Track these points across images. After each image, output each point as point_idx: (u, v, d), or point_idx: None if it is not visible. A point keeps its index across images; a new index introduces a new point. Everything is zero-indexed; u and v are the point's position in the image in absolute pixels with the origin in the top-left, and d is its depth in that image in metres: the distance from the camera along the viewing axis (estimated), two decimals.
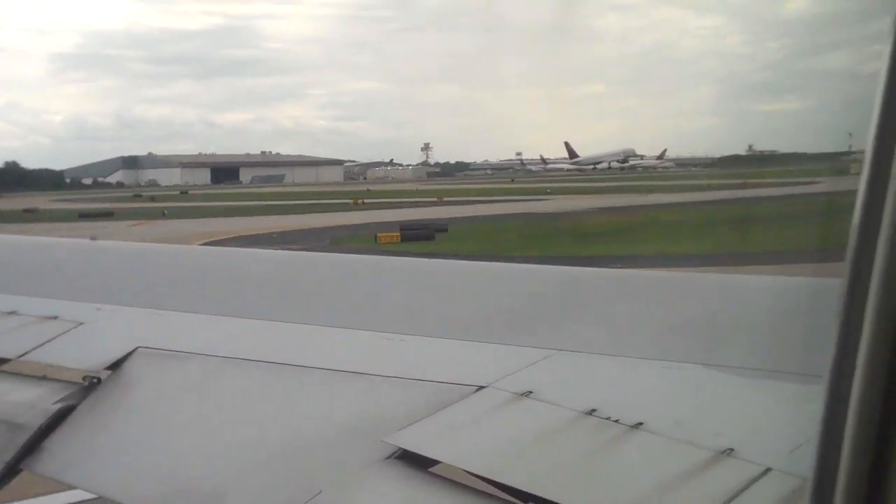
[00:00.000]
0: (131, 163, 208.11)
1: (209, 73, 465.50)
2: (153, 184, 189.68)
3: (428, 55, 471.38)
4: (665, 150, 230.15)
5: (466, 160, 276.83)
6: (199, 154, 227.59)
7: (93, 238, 5.99)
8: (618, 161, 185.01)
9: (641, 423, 2.41)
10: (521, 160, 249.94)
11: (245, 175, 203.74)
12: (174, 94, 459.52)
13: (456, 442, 2.60)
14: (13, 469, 3.04)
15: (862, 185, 1.19)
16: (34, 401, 3.34)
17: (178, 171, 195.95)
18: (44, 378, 3.53)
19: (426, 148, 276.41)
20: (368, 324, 3.63)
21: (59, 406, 3.25)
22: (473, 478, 2.38)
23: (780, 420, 2.43)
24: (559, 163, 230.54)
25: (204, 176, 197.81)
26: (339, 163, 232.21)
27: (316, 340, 3.56)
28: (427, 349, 3.30)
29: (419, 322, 3.65)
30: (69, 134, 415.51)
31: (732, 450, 2.22)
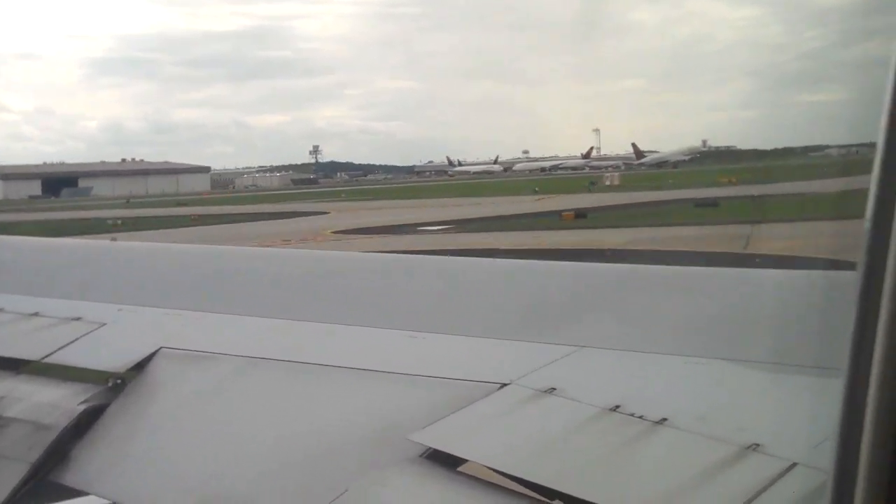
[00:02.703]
0: None
1: (243, 75, 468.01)
2: None
3: (460, 53, 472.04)
4: (592, 149, 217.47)
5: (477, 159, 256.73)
6: (44, 163, 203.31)
7: (114, 239, 5.82)
8: (684, 158, 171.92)
9: (666, 419, 2.39)
10: (448, 160, 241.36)
11: (90, 185, 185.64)
12: (208, 96, 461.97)
13: (479, 439, 2.59)
14: (40, 469, 3.03)
15: (874, 178, 1.19)
16: (59, 401, 3.33)
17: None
18: (68, 379, 3.52)
19: (315, 151, 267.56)
20: (391, 322, 3.60)
21: (84, 407, 3.25)
22: (497, 475, 2.35)
23: (805, 415, 2.40)
24: (479, 165, 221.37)
25: (35, 187, 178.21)
26: (205, 170, 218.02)
27: (338, 339, 3.54)
28: (450, 347, 3.29)
29: (442, 320, 3.62)
30: (105, 139, 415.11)
31: (758, 445, 2.20)
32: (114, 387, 3.38)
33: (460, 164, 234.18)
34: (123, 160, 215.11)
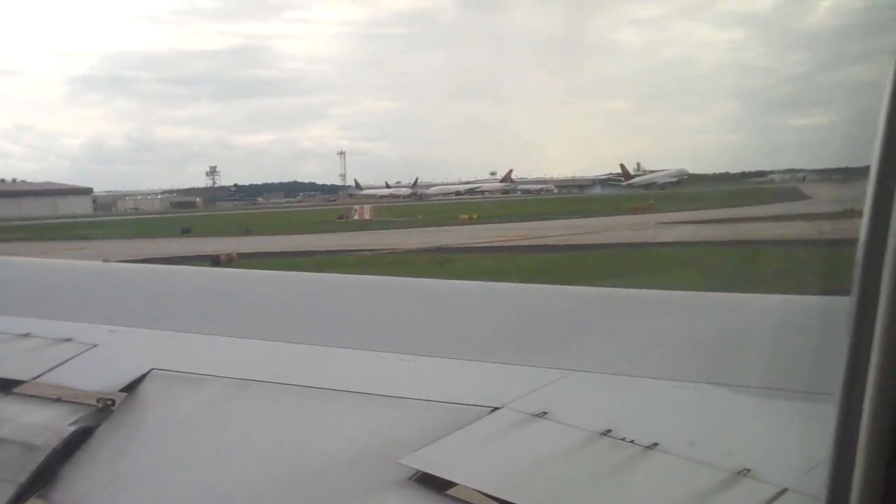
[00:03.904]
0: None
1: (227, 94, 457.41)
2: None
3: (445, 73, 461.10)
4: (511, 171, 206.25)
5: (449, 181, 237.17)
6: None
7: (105, 260, 6.79)
8: (672, 182, 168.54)
9: (657, 444, 2.39)
10: (356, 182, 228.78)
11: None
12: (193, 115, 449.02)
13: (471, 463, 2.58)
14: (28, 491, 3.01)
15: (868, 202, 1.19)
16: (49, 422, 3.32)
17: None
18: (58, 400, 3.50)
19: (212, 172, 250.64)
20: (383, 345, 3.60)
21: (74, 428, 3.24)
22: (488, 499, 2.33)
23: (796, 440, 2.39)
24: (388, 189, 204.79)
25: None
26: (87, 191, 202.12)
27: (330, 362, 3.53)
28: (441, 370, 3.29)
29: (433, 343, 3.62)
30: (88, 156, 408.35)
31: (749, 470, 2.19)
32: (104, 408, 3.37)
33: (388, 186, 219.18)
34: (3, 181, 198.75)
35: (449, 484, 2.43)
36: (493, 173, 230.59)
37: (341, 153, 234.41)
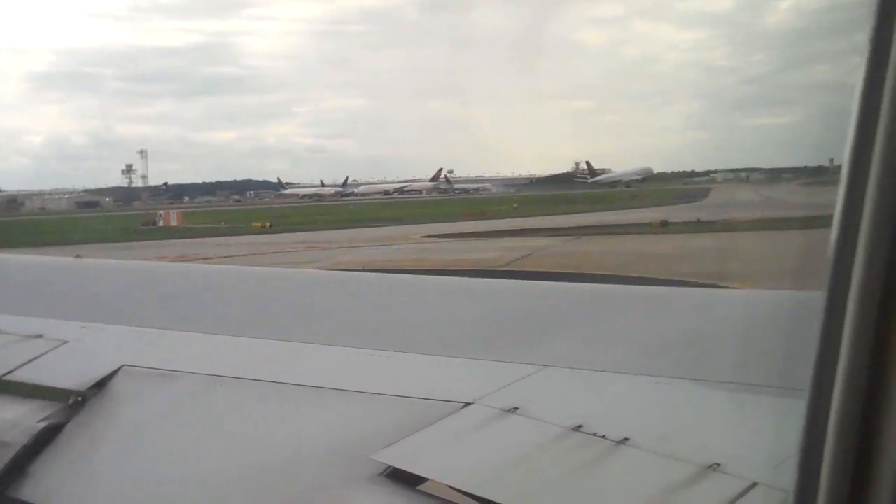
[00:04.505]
0: None
1: (189, 91, 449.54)
2: None
3: (407, 71, 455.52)
4: (441, 170, 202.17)
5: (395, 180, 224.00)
6: None
7: (77, 256, 5.99)
8: (637, 179, 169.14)
9: (628, 439, 2.42)
10: (279, 180, 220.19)
11: None
12: (154, 112, 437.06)
13: (442, 459, 2.59)
14: None
15: (840, 199, 1.21)
16: (18, 419, 3.29)
17: None
18: (28, 397, 3.48)
19: (128, 171, 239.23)
20: (354, 341, 3.61)
21: (43, 424, 3.23)
22: (460, 495, 2.34)
23: (766, 434, 2.44)
24: (312, 187, 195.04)
25: None
26: None
27: (302, 358, 3.53)
28: (413, 365, 3.30)
29: (405, 338, 3.63)
30: (50, 154, 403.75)
31: (719, 464, 2.22)
32: (74, 405, 3.34)
33: (323, 185, 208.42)
34: None
35: (420, 479, 2.44)
36: (450, 171, 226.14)
37: (141, 151, 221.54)
